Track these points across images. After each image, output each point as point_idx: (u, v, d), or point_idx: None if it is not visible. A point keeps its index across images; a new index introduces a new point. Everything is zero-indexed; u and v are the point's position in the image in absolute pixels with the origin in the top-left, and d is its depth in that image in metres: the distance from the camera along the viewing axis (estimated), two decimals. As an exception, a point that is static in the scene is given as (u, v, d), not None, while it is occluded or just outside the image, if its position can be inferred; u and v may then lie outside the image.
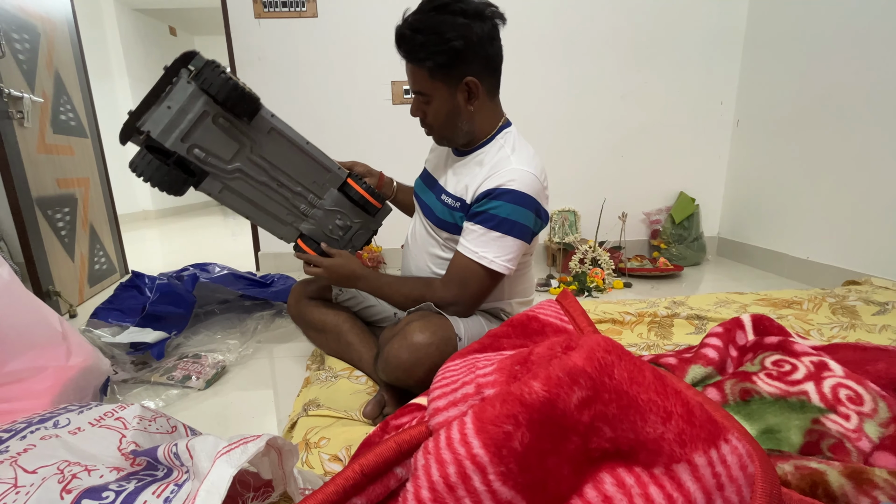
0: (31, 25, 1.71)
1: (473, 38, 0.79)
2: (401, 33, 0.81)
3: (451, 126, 0.88)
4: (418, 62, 0.81)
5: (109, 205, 2.26)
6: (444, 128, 0.88)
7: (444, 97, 0.84)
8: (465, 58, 0.80)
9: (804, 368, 0.66)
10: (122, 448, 0.59)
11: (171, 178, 0.81)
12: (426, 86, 0.84)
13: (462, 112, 0.86)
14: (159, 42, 4.83)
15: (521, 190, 0.82)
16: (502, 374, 0.46)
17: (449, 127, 0.88)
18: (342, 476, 0.41)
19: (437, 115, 0.86)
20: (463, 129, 0.88)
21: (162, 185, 0.81)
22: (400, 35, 0.81)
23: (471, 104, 0.85)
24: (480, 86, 0.83)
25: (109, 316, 1.34)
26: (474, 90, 0.83)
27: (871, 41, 1.62)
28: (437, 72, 0.81)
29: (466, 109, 0.85)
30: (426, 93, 0.84)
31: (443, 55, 0.79)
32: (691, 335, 1.19)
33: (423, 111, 0.88)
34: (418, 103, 0.87)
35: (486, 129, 0.90)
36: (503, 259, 0.84)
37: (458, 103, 0.84)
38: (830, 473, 0.48)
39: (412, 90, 0.87)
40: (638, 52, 2.22)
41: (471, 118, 0.87)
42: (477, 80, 0.82)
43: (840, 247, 1.77)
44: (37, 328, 0.86)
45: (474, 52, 0.80)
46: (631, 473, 0.39)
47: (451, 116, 0.86)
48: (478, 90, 0.83)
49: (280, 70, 2.12)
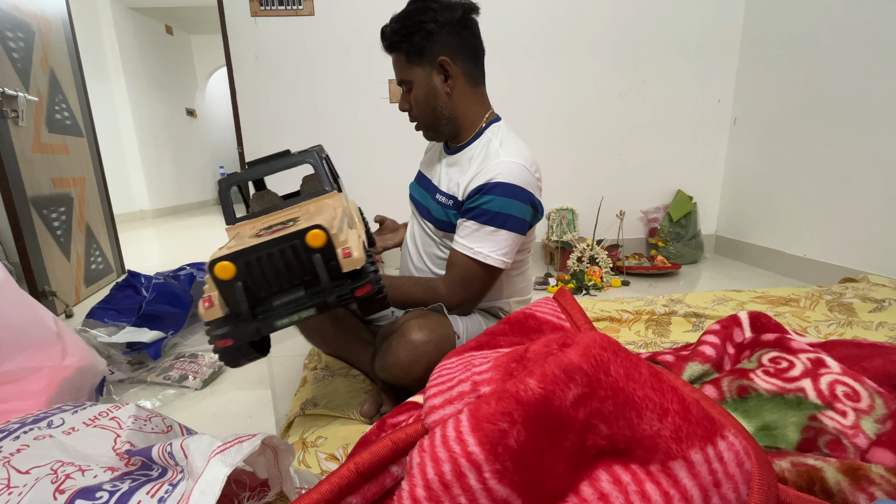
0: (26, 24, 1.70)
1: (443, 21, 0.84)
2: (383, 28, 0.88)
3: (432, 112, 0.89)
4: (396, 49, 0.87)
5: (105, 204, 2.25)
6: (426, 115, 0.90)
7: (421, 80, 0.87)
8: (437, 39, 0.84)
9: (801, 365, 0.66)
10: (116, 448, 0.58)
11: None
12: (406, 72, 0.88)
13: (439, 94, 0.88)
14: (155, 41, 4.81)
15: (512, 182, 0.82)
16: (498, 372, 0.46)
17: (430, 113, 0.90)
18: (337, 475, 0.40)
19: (417, 101, 0.89)
20: (444, 114, 0.90)
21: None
22: (382, 30, 0.88)
23: (447, 85, 0.87)
24: (454, 65, 0.86)
25: (105, 316, 1.33)
26: (449, 69, 0.86)
27: (869, 40, 1.62)
28: (413, 55, 0.86)
29: (443, 91, 0.88)
30: (406, 79, 0.88)
31: (416, 36, 0.84)
32: (689, 333, 1.19)
33: (408, 102, 0.91)
34: (404, 96, 0.91)
35: (472, 121, 0.91)
36: (499, 253, 0.84)
37: (435, 85, 0.87)
38: (827, 470, 0.48)
39: (397, 83, 0.91)
40: (636, 51, 2.22)
41: (450, 103, 0.89)
42: (450, 59, 0.85)
43: (837, 244, 1.78)
44: (32, 328, 0.86)
45: (446, 33, 0.85)
46: (627, 471, 0.39)
47: (430, 100, 0.88)
48: (451, 69, 0.86)
49: (277, 68, 2.11)
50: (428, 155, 1.06)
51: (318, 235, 0.58)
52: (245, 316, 0.58)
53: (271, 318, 0.59)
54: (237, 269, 0.58)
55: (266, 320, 0.59)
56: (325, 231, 0.58)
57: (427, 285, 0.90)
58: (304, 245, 0.58)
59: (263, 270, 0.58)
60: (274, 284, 0.60)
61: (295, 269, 0.59)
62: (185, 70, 5.42)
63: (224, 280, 0.57)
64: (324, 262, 0.59)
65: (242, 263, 0.58)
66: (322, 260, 0.58)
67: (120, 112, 4.32)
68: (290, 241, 0.58)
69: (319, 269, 0.59)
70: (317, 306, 0.60)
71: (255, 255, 0.58)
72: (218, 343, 0.60)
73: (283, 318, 0.60)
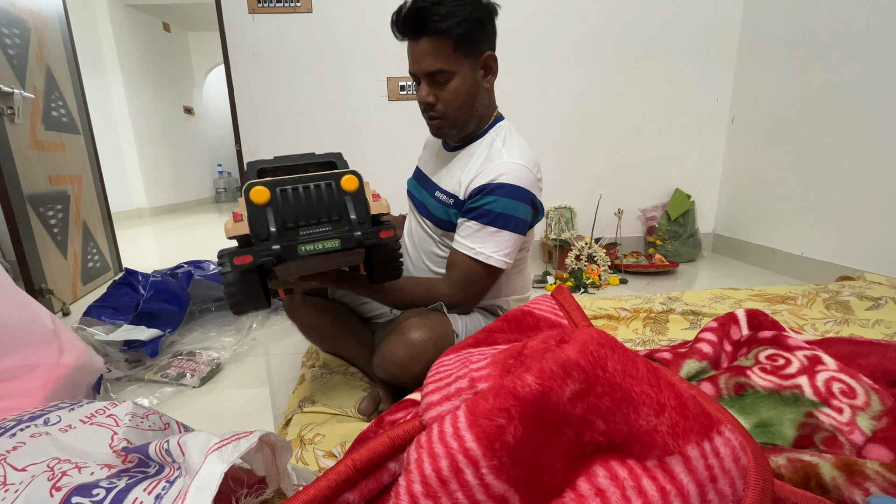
0: (21, 20, 1.69)
1: (490, 12, 0.80)
2: (419, 6, 0.75)
3: (468, 107, 0.84)
4: (442, 33, 0.76)
5: (103, 202, 2.24)
6: (460, 110, 0.83)
7: (466, 73, 0.80)
8: (486, 30, 0.80)
9: (798, 362, 0.66)
10: (113, 445, 0.58)
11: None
12: (449, 61, 0.78)
13: (480, 91, 0.84)
14: (153, 38, 4.79)
15: (515, 183, 0.82)
16: (496, 368, 0.46)
17: (466, 109, 0.84)
18: (334, 471, 0.40)
19: (456, 94, 0.81)
20: (478, 111, 0.86)
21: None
22: (418, 8, 0.75)
23: (486, 81, 0.84)
24: (496, 61, 0.83)
25: (103, 314, 1.33)
26: (493, 67, 0.83)
27: (866, 39, 1.62)
28: (462, 43, 0.77)
29: (483, 88, 0.84)
30: (448, 69, 0.79)
31: (469, 23, 0.76)
32: (686, 330, 1.19)
33: (435, 95, 0.82)
34: (431, 86, 0.81)
35: (485, 119, 0.90)
36: (501, 254, 0.83)
37: (478, 80, 0.83)
38: (823, 466, 0.48)
39: (425, 72, 0.80)
40: (634, 49, 2.22)
41: (485, 100, 0.86)
42: (494, 54, 0.82)
43: (834, 243, 1.78)
44: (28, 326, 0.85)
45: (492, 26, 0.81)
46: (624, 466, 0.39)
47: (471, 95, 0.82)
48: (495, 66, 0.83)
49: (274, 66, 2.10)
50: (427, 151, 1.06)
51: (352, 180, 0.63)
52: (271, 239, 0.61)
53: (296, 243, 0.62)
54: (272, 195, 0.61)
55: (289, 245, 0.62)
56: (358, 177, 0.64)
57: (428, 285, 0.89)
58: (339, 186, 0.63)
59: (296, 201, 0.62)
60: (301, 217, 0.63)
61: (326, 205, 0.64)
62: (182, 67, 5.40)
63: (257, 204, 0.61)
64: (354, 205, 0.64)
65: (278, 191, 0.61)
66: (353, 203, 0.64)
67: (117, 110, 4.30)
68: (326, 179, 0.63)
69: (350, 206, 0.64)
70: (342, 238, 0.63)
71: (291, 186, 0.62)
72: (236, 260, 0.61)
73: (308, 245, 0.62)
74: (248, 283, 0.65)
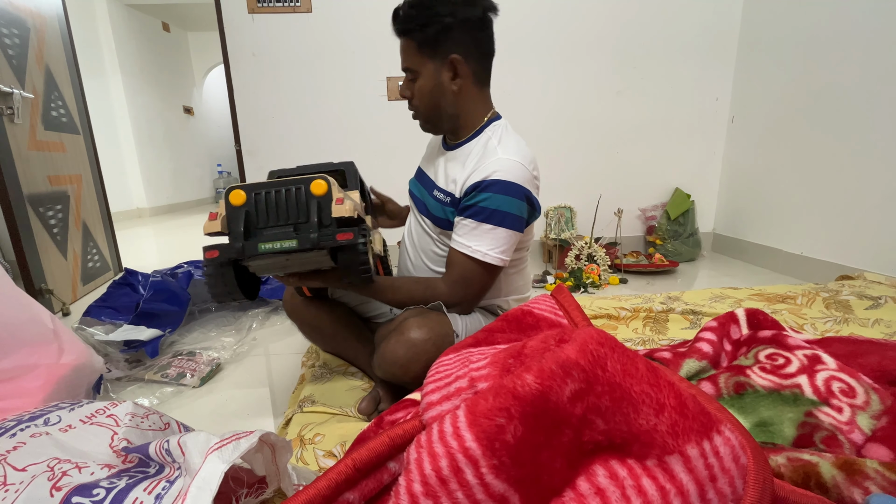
0: (21, 20, 1.69)
1: (462, 18, 0.82)
2: (397, 9, 0.85)
3: (434, 107, 0.89)
4: (409, 34, 0.84)
5: (103, 202, 2.24)
6: (428, 108, 0.89)
7: (429, 73, 0.86)
8: (452, 35, 0.83)
9: (797, 362, 0.66)
10: (113, 445, 0.58)
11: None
12: (414, 60, 0.86)
13: (446, 92, 0.87)
14: (152, 38, 4.79)
15: (508, 179, 0.82)
16: (496, 368, 0.46)
17: (433, 107, 0.89)
18: (334, 471, 0.40)
19: (421, 93, 0.87)
20: (447, 111, 0.89)
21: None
22: (396, 10, 0.85)
23: (454, 83, 0.86)
24: (465, 65, 0.85)
25: (103, 314, 1.33)
26: (459, 68, 0.85)
27: (866, 38, 1.62)
28: (425, 45, 0.84)
29: (450, 89, 0.86)
30: (414, 68, 0.86)
31: (432, 27, 0.82)
32: (686, 330, 1.19)
33: (410, 90, 0.89)
34: (407, 82, 0.89)
35: (473, 120, 0.91)
36: (497, 251, 0.84)
37: (443, 81, 0.86)
38: (822, 465, 0.48)
39: (402, 68, 0.89)
40: (634, 49, 2.22)
41: (455, 101, 0.88)
42: (462, 59, 0.84)
43: (834, 242, 1.78)
44: (28, 326, 0.85)
45: (462, 31, 0.83)
46: (624, 465, 0.39)
47: (435, 95, 0.87)
48: (462, 69, 0.85)
49: (274, 66, 2.10)
50: (428, 151, 1.06)
51: (320, 184, 0.68)
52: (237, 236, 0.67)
53: (257, 241, 0.68)
54: (247, 198, 0.68)
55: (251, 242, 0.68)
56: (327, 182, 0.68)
57: (427, 284, 0.90)
58: (308, 190, 0.69)
59: (267, 204, 0.68)
60: (272, 218, 0.69)
61: (293, 208, 0.69)
62: (182, 67, 5.39)
63: (234, 205, 0.68)
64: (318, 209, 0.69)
65: (252, 194, 0.68)
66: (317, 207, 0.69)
67: (116, 110, 4.30)
68: (296, 184, 0.69)
69: (312, 209, 0.69)
70: (299, 239, 0.68)
71: (265, 190, 0.68)
72: (206, 255, 0.69)
73: (267, 244, 0.68)
74: (223, 275, 0.72)
